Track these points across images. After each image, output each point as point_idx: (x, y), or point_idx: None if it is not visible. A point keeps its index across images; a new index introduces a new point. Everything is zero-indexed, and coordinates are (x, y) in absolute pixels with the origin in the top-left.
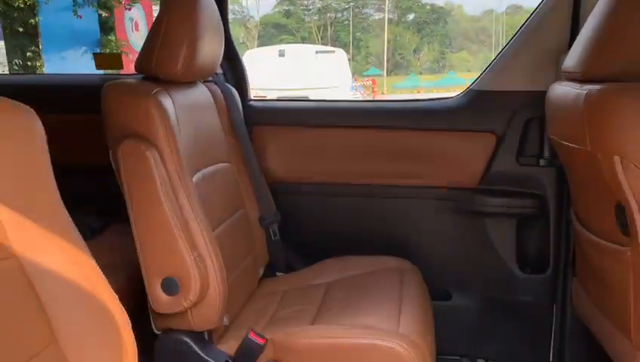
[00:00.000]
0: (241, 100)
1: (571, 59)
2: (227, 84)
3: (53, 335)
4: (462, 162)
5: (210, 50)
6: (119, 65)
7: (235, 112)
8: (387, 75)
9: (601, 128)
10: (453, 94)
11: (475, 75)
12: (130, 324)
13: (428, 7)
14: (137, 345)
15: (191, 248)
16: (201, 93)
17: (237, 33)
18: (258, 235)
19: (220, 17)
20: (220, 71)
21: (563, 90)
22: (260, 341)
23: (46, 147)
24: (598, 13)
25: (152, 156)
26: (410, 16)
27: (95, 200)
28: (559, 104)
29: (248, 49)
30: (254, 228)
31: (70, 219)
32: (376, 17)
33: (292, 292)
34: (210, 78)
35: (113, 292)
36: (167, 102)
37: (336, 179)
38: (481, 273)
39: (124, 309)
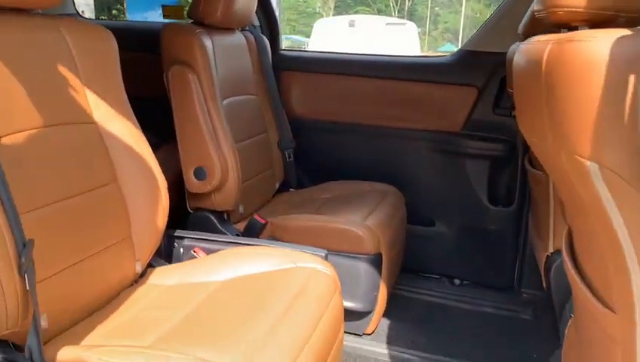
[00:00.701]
0: (272, 49)
1: (522, 24)
2: (261, 35)
3: (114, 175)
4: (448, 110)
5: (243, 3)
6: (182, 15)
7: (265, 57)
8: None
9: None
10: (447, 53)
11: None
12: (167, 193)
13: None
14: (176, 220)
15: (216, 148)
16: (237, 39)
17: (314, 2)
18: (276, 156)
19: None
20: (257, 23)
21: (513, 49)
22: (262, 221)
23: (117, 55)
24: None
25: (192, 79)
26: None
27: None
28: (511, 60)
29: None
30: (273, 150)
31: (130, 107)
32: None
33: (299, 202)
34: (247, 28)
35: (157, 161)
36: (207, 40)
37: (343, 118)
38: (459, 204)
39: (163, 176)
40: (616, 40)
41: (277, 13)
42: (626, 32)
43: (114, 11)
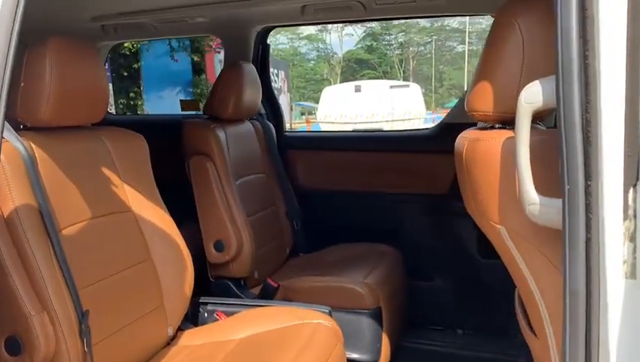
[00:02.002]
0: (278, 133)
1: None
2: (267, 122)
3: (148, 253)
4: (435, 175)
5: (250, 99)
6: (197, 107)
7: (271, 140)
8: None
9: None
10: (432, 125)
11: None
12: (192, 266)
13: None
14: (200, 288)
15: (232, 223)
16: (246, 128)
17: (321, 69)
18: (285, 225)
19: (258, 79)
20: (263, 111)
21: None
22: (274, 284)
23: (148, 156)
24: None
25: (210, 166)
26: None
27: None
28: None
29: (331, 84)
30: (282, 220)
31: (160, 196)
32: (459, 50)
33: (308, 266)
34: (255, 117)
35: (183, 240)
36: (221, 133)
37: (343, 187)
38: (453, 260)
39: (188, 251)
40: (504, 140)
41: (286, 83)
42: (509, 133)
43: (131, 94)
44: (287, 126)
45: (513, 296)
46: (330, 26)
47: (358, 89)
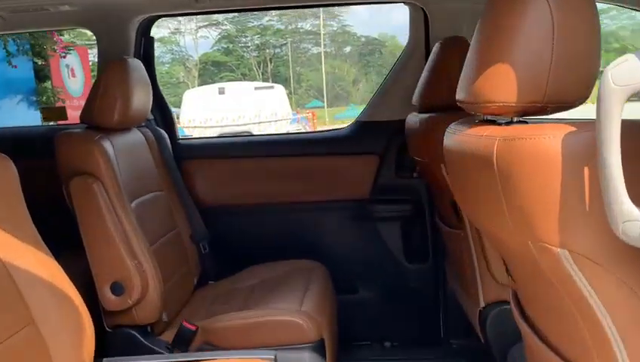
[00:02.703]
0: (171, 140)
1: (415, 95)
2: (157, 128)
3: (31, 317)
4: (355, 179)
5: (140, 103)
6: (64, 116)
7: (165, 150)
8: (328, 107)
9: (430, 145)
10: (345, 125)
11: None
12: (91, 324)
13: (363, 39)
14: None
15: (132, 257)
16: (135, 137)
17: (177, 72)
18: (190, 250)
19: (147, 77)
20: (151, 117)
21: (411, 118)
22: (192, 327)
23: (18, 180)
24: (429, 63)
25: (98, 187)
26: (347, 49)
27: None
28: (411, 129)
29: (189, 87)
30: (187, 244)
31: (38, 233)
32: (314, 51)
33: (221, 295)
34: (143, 124)
35: (77, 292)
36: (107, 145)
37: (253, 200)
38: (378, 267)
39: (85, 306)
40: (565, 136)
41: None
42: (570, 128)
43: None
44: None
45: (441, 301)
46: (183, 28)
47: (222, 91)
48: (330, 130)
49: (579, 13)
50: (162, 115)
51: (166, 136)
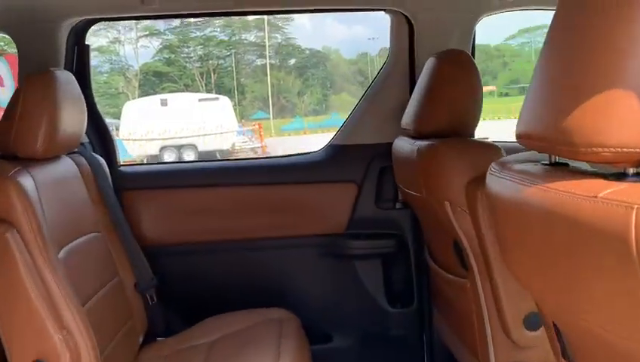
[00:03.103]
0: (110, 167)
1: (406, 118)
2: (94, 154)
3: None
4: (329, 211)
5: (72, 123)
6: None
7: (103, 181)
8: (274, 118)
9: (432, 178)
10: (316, 149)
11: None
12: None
13: (307, 51)
14: None
15: (59, 327)
16: (65, 167)
17: (116, 83)
18: (135, 302)
19: (80, 90)
20: (85, 140)
21: (401, 145)
22: None
23: None
24: (423, 81)
25: (13, 238)
26: (292, 61)
27: None
28: (400, 156)
29: (129, 98)
30: (130, 295)
31: None
32: (259, 63)
33: (174, 356)
34: (76, 150)
35: None
36: (26, 181)
37: (210, 237)
38: (356, 312)
39: None
40: None
41: None
42: None
43: None
44: None
45: (427, 350)
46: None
47: (164, 103)
48: (299, 154)
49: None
50: (99, 137)
51: (104, 163)
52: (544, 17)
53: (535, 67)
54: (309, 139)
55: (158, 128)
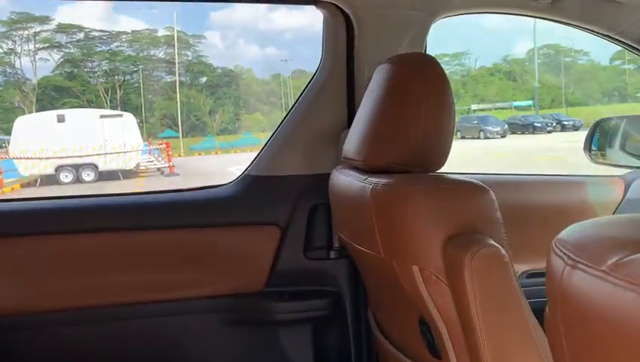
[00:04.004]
0: None
1: (350, 144)
2: None
3: None
4: (242, 262)
5: None
6: None
7: None
8: (184, 137)
9: (396, 233)
10: (225, 181)
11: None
12: None
13: (219, 70)
14: None
15: None
16: None
17: (11, 96)
18: None
19: None
20: None
21: (346, 180)
22: None
23: None
24: (373, 95)
25: None
26: (203, 79)
27: None
28: (342, 196)
29: (26, 113)
30: None
31: None
32: (168, 80)
33: None
34: None
35: None
36: None
37: (80, 302)
38: None
39: None
40: None
41: None
42: None
43: None
44: None
45: None
46: (20, 48)
47: (61, 119)
48: (203, 187)
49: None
50: None
51: None
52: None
53: None
54: (221, 158)
55: (55, 146)
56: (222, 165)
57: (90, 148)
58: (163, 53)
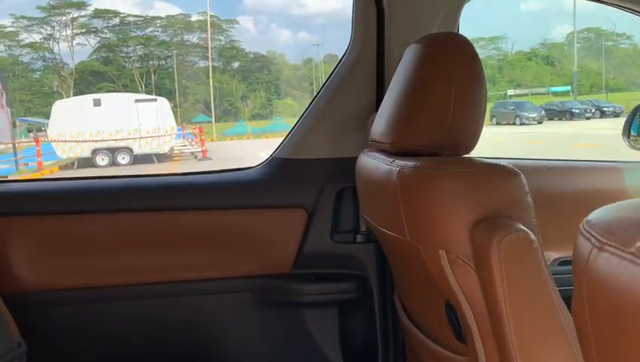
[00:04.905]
0: None
1: (378, 126)
2: None
3: None
4: (269, 245)
5: None
6: None
7: None
8: (216, 122)
9: (422, 216)
10: (254, 164)
11: None
12: None
13: (251, 55)
14: None
15: None
16: None
17: (50, 81)
18: None
19: None
20: None
21: (372, 163)
22: None
23: None
24: (401, 77)
25: None
26: (235, 65)
27: None
28: (369, 179)
29: (64, 97)
30: None
31: None
32: (201, 65)
33: None
34: None
35: None
36: None
37: (105, 280)
38: None
39: None
40: None
41: (4, 96)
42: None
43: None
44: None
45: None
46: (58, 34)
47: (97, 103)
48: (231, 169)
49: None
50: None
51: None
52: None
53: None
54: (252, 143)
55: (91, 129)
56: (253, 150)
57: (126, 132)
58: (196, 38)
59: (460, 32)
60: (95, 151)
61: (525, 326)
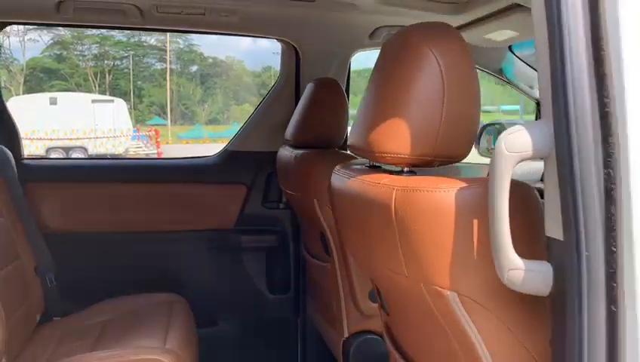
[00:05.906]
0: (15, 159)
1: (289, 130)
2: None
3: None
4: (220, 208)
5: None
6: None
7: (9, 171)
8: (172, 125)
9: (305, 180)
10: (212, 153)
11: None
12: None
13: (210, 60)
14: None
15: None
16: None
17: None
18: (34, 284)
19: None
20: None
21: (284, 153)
22: None
23: None
24: (303, 101)
25: None
26: (193, 68)
27: None
28: (283, 162)
29: (12, 94)
30: (30, 277)
31: None
32: (158, 67)
33: (68, 334)
34: None
35: None
36: None
37: (108, 228)
38: (240, 299)
39: None
40: (458, 191)
41: None
42: (461, 183)
43: None
44: None
45: (300, 331)
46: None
47: (53, 101)
48: (195, 157)
49: (464, 77)
50: (5, 128)
51: (10, 155)
52: None
53: (363, 96)
54: (208, 147)
55: (46, 128)
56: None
57: (81, 131)
58: (154, 39)
59: (350, 73)
60: (49, 150)
61: None
